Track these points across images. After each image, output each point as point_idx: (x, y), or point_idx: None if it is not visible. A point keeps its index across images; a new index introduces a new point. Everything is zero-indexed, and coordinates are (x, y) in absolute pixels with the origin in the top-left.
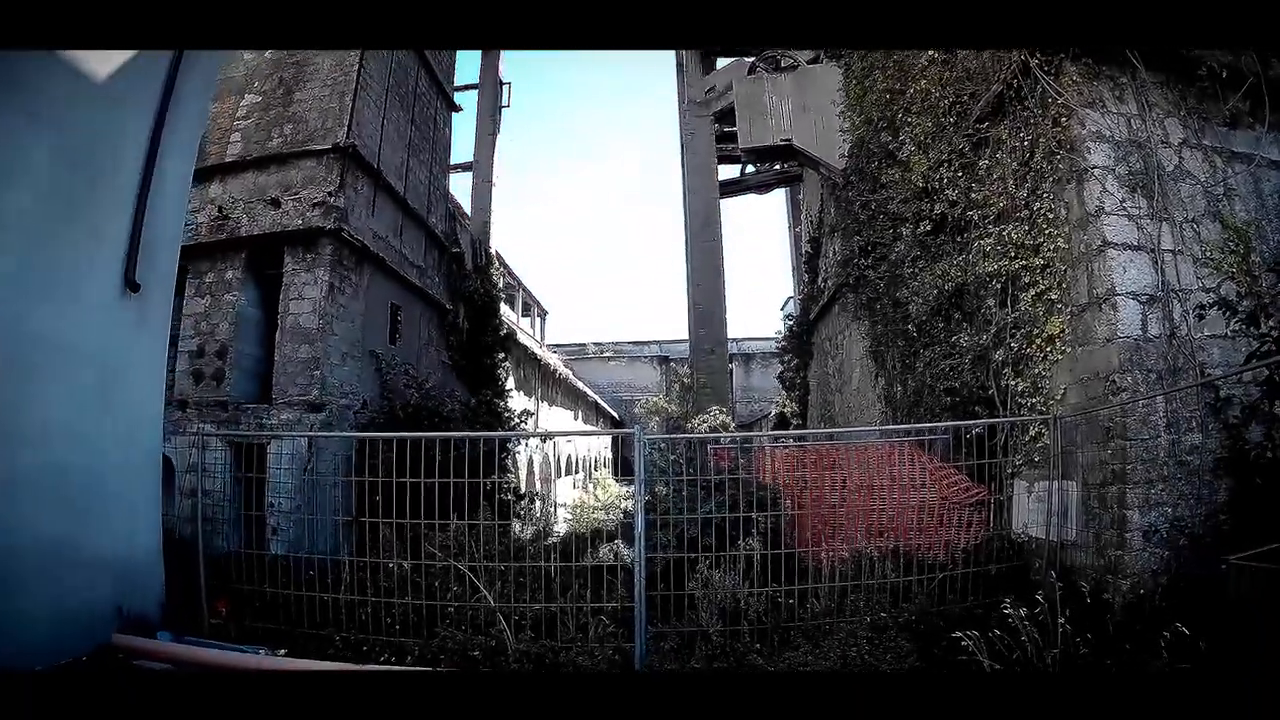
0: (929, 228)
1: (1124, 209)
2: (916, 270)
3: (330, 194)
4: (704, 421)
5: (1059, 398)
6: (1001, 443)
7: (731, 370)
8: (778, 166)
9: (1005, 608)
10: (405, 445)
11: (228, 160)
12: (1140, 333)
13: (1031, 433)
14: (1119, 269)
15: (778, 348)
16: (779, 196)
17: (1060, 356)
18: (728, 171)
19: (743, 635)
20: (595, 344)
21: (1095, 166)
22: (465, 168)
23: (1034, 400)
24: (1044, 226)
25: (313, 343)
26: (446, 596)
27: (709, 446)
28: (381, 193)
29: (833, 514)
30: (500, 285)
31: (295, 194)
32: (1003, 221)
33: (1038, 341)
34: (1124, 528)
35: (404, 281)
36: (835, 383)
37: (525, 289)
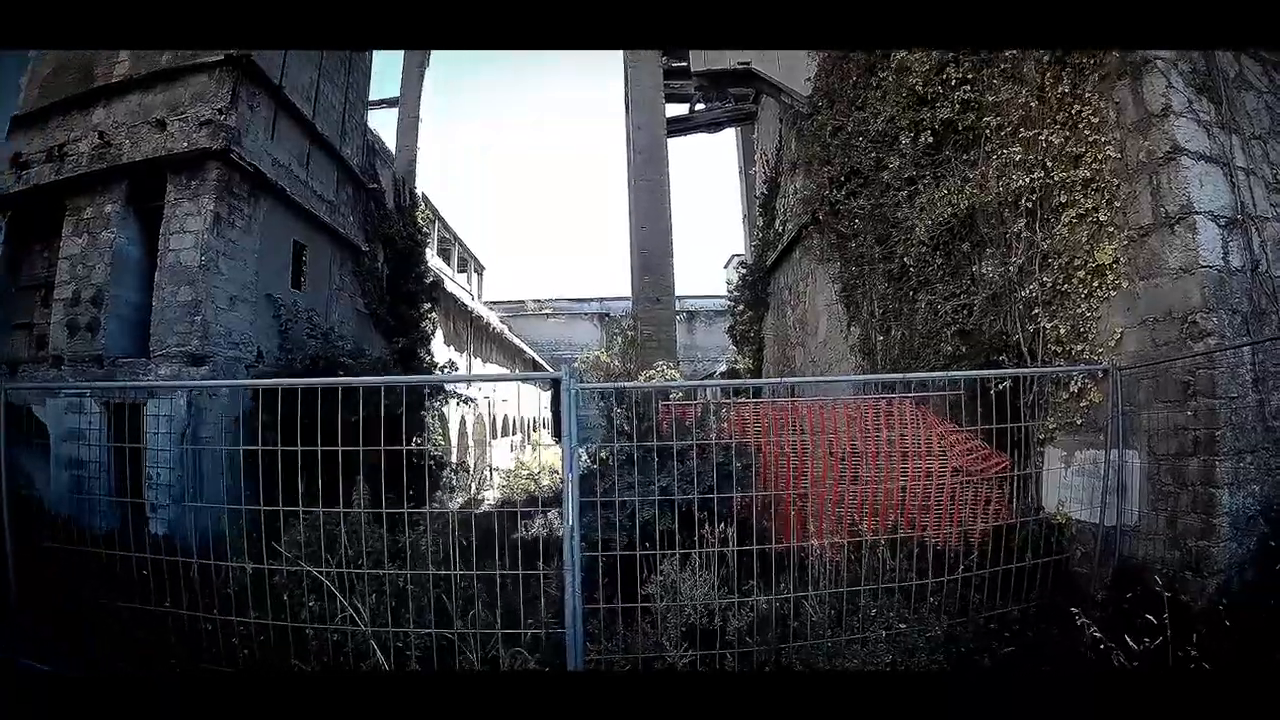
0: (930, 140)
1: (1193, 110)
2: (912, 194)
3: (220, 111)
4: (650, 378)
5: (1112, 344)
6: (1030, 401)
7: (674, 340)
8: (730, 103)
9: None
10: (296, 402)
11: (114, 81)
12: (1222, 263)
13: (1073, 388)
14: (1194, 181)
15: (730, 298)
16: (728, 143)
17: (1113, 292)
18: (677, 111)
19: (722, 663)
20: (534, 300)
21: (1159, 57)
22: (391, 103)
23: (1077, 348)
24: (1087, 132)
25: (194, 283)
26: (300, 615)
27: (657, 403)
28: (284, 115)
29: (821, 491)
30: (426, 228)
31: (182, 114)
32: (1031, 127)
33: (1080, 274)
34: (1211, 511)
35: (310, 218)
36: (796, 335)
37: (462, 243)
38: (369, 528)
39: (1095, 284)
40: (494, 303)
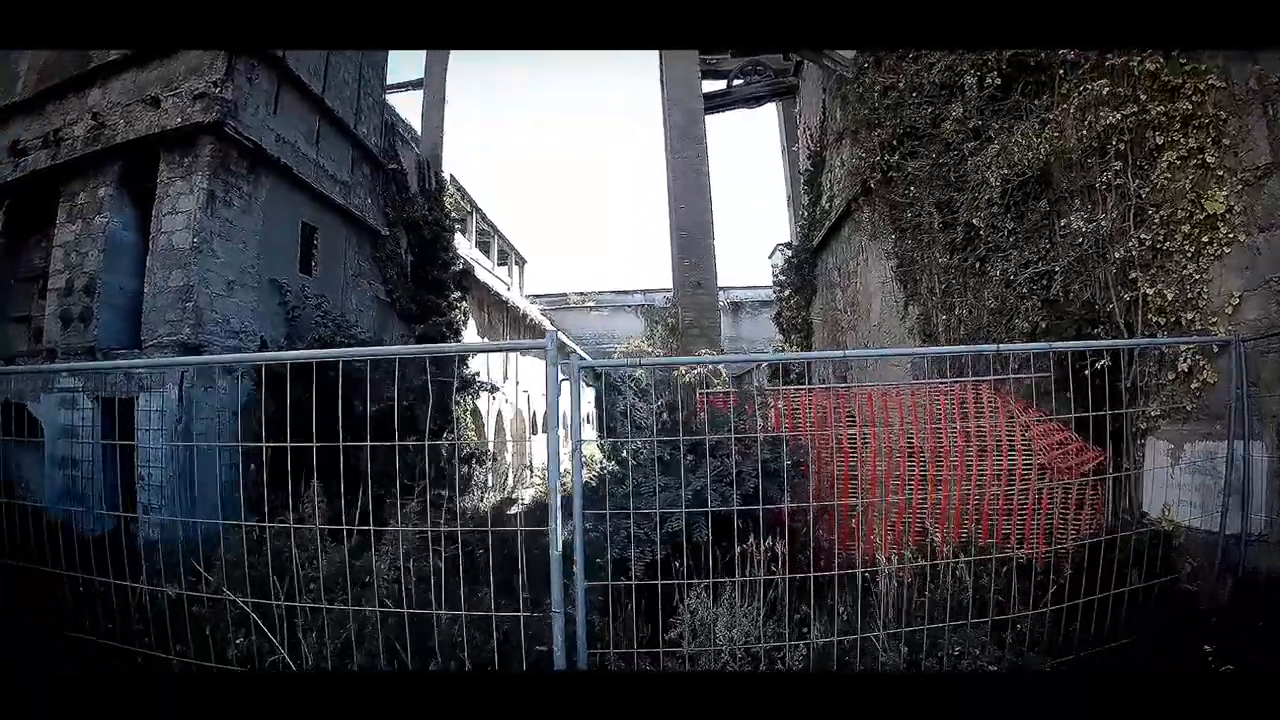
0: (997, 82)
1: None
2: (977, 147)
3: (215, 84)
4: (693, 368)
5: (1228, 311)
6: (1129, 383)
7: (718, 326)
8: (769, 76)
9: None
10: (305, 394)
11: (110, 59)
12: None
13: (1182, 366)
14: None
15: (775, 282)
16: (769, 125)
17: (1226, 248)
18: (714, 88)
19: None
20: (577, 294)
21: None
22: (415, 85)
23: (1186, 316)
24: (1182, 59)
25: (186, 267)
26: (227, 655)
27: (697, 392)
28: (289, 88)
29: (885, 495)
30: (454, 213)
31: (176, 89)
32: (1118, 52)
33: (1185, 228)
34: None
35: (322, 198)
36: (847, 319)
37: (502, 235)
38: (327, 543)
39: (1204, 239)
40: (536, 296)
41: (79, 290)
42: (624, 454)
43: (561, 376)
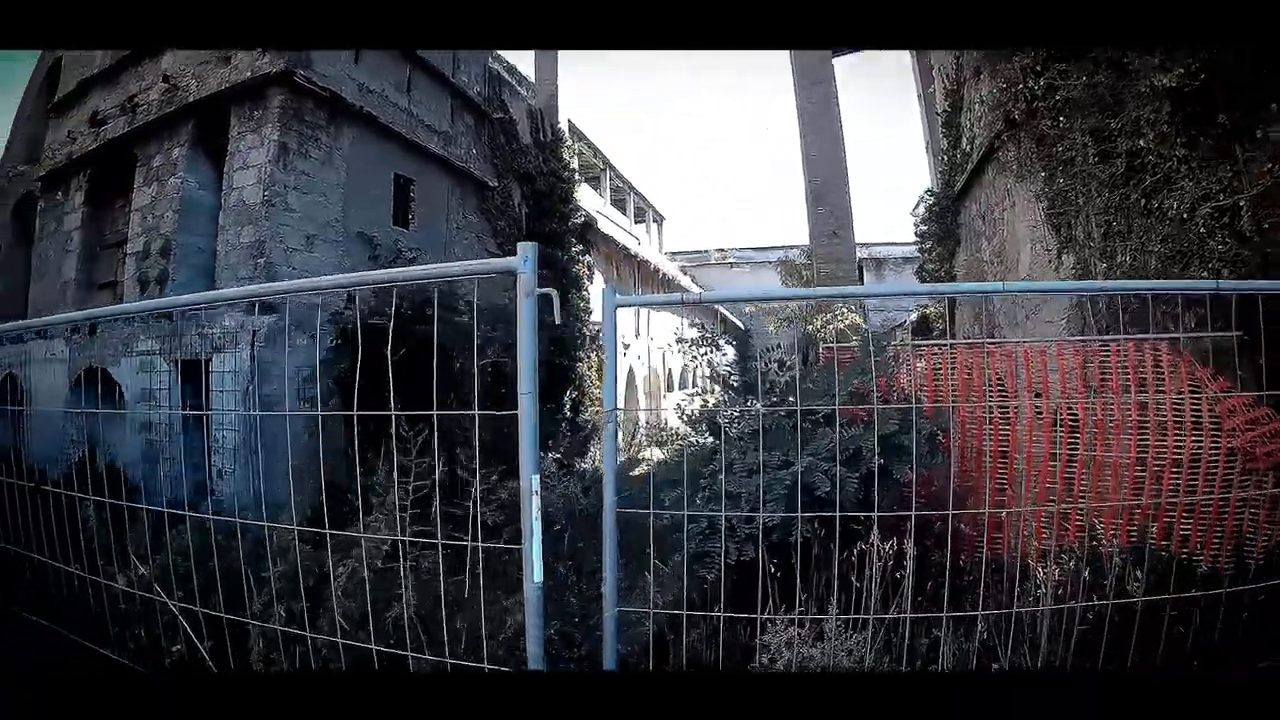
0: None
1: None
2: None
3: None
4: (828, 323)
5: None
6: None
7: (861, 274)
8: None
9: None
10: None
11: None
12: None
13: None
14: None
15: (916, 233)
16: (904, 75)
17: None
18: None
19: None
20: (718, 250)
21: None
22: None
23: None
24: None
25: (257, 222)
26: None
27: (820, 348)
28: None
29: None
30: (575, 165)
31: None
32: None
33: None
34: None
35: (416, 148)
36: (994, 270)
37: (638, 192)
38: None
39: None
40: (675, 253)
41: (155, 253)
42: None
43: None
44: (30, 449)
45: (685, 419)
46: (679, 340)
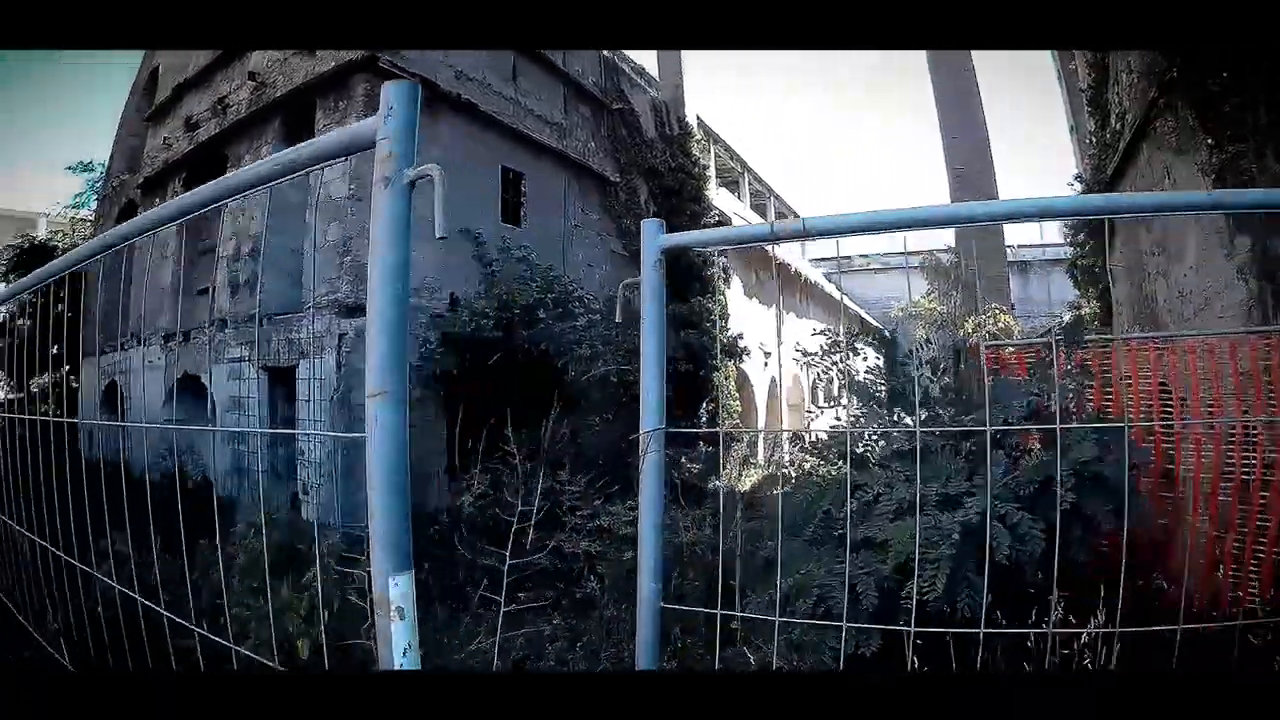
0: None
1: None
2: None
3: None
4: (979, 325)
5: None
6: None
7: (1007, 278)
8: None
9: None
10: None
11: None
12: None
13: None
14: None
15: (1066, 228)
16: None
17: None
18: None
19: None
20: (861, 256)
21: None
22: None
23: None
24: None
25: (342, 218)
26: None
27: (981, 347)
28: None
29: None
30: (706, 163)
31: None
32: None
33: None
34: None
35: (525, 140)
36: (1155, 264)
37: (777, 195)
38: None
39: None
40: (818, 259)
41: (245, 255)
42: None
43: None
44: (131, 457)
45: (806, 446)
46: (802, 353)
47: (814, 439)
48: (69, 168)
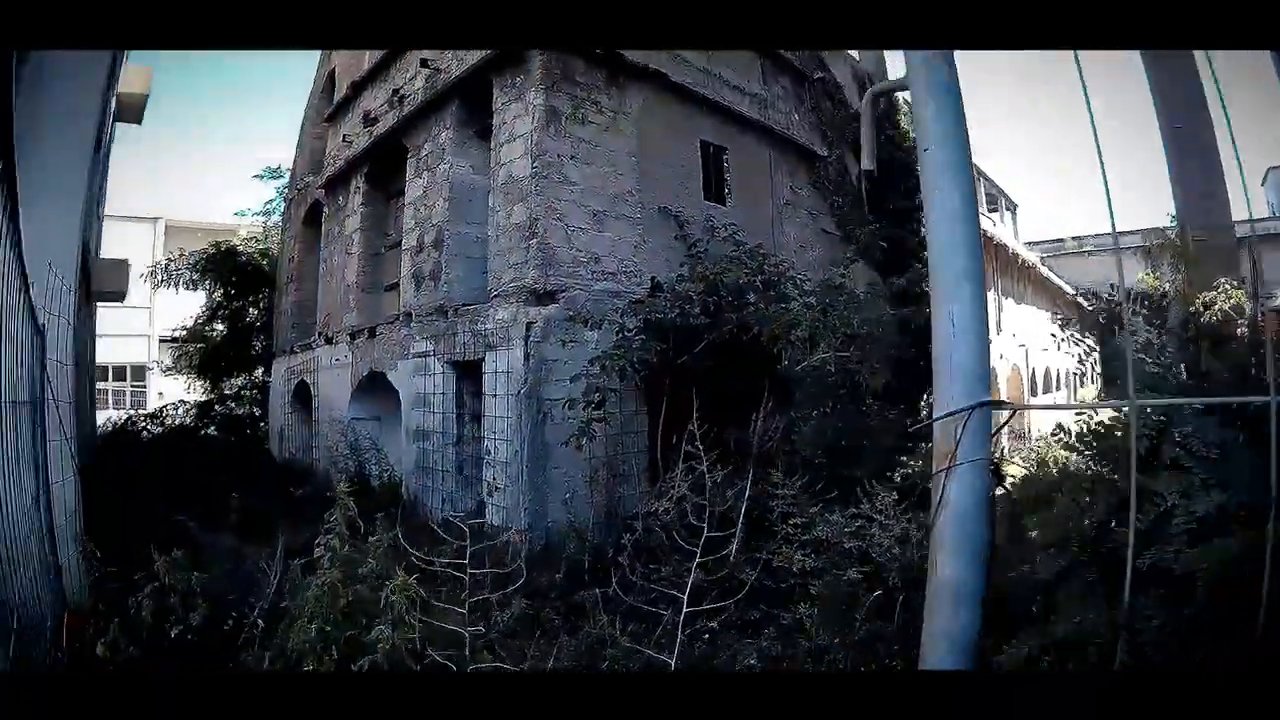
0: None
1: None
2: None
3: None
4: (1210, 303)
5: None
6: None
7: (1238, 253)
8: None
9: None
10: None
11: None
12: None
13: None
14: None
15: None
16: None
17: None
18: None
19: None
20: (1073, 238)
21: None
22: None
23: None
24: None
25: (526, 198)
26: None
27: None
28: None
29: None
30: (910, 133)
31: None
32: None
33: None
34: None
35: (726, 112)
36: None
37: (987, 177)
38: None
39: None
40: (1031, 243)
41: (429, 246)
42: None
43: None
44: (319, 457)
45: (1070, 442)
46: (1063, 325)
47: (1091, 426)
48: (256, 175)
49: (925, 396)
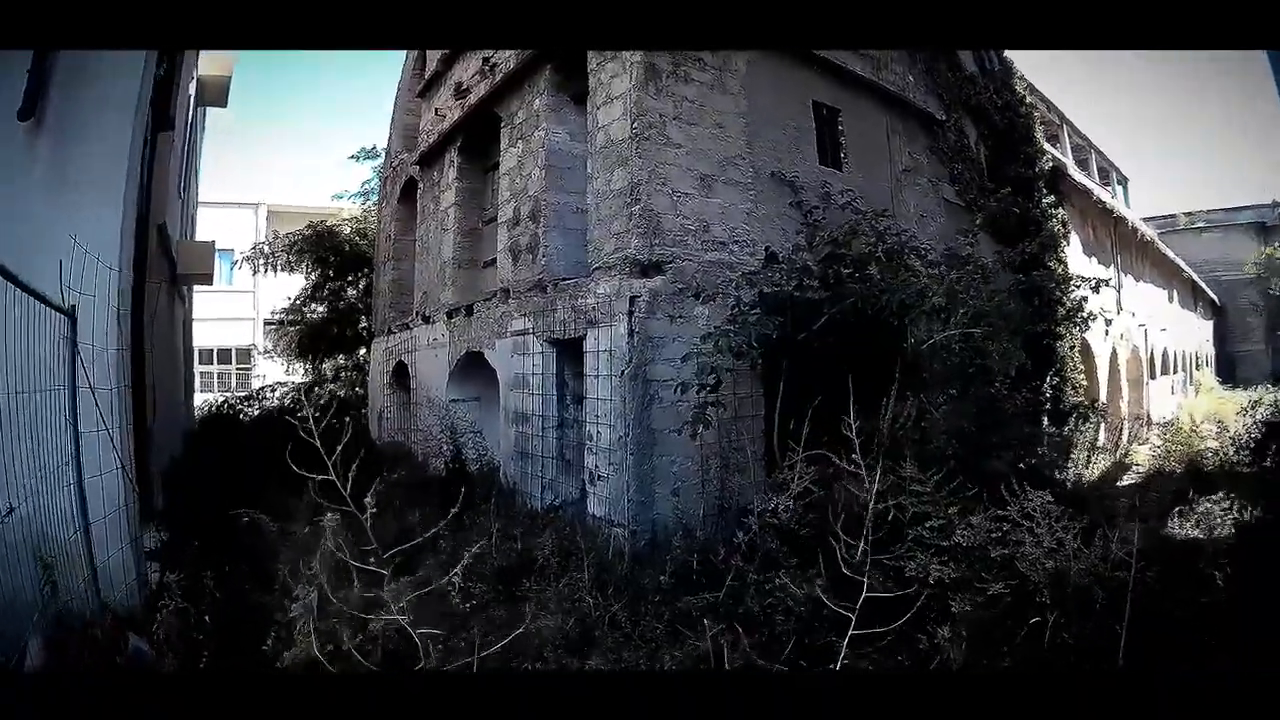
0: None
1: None
2: None
3: None
4: None
5: None
6: None
7: None
8: None
9: None
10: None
11: None
12: None
13: None
14: None
15: None
16: None
17: None
18: None
19: None
20: (1185, 214)
21: None
22: None
23: None
24: None
25: (626, 162)
26: None
27: None
28: None
29: None
30: (1029, 99)
31: None
32: None
33: None
34: None
35: (839, 72)
36: None
37: (1098, 150)
38: None
39: None
40: (1144, 219)
41: (525, 218)
42: None
43: None
44: (414, 441)
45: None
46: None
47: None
48: (352, 156)
49: (1048, 377)
